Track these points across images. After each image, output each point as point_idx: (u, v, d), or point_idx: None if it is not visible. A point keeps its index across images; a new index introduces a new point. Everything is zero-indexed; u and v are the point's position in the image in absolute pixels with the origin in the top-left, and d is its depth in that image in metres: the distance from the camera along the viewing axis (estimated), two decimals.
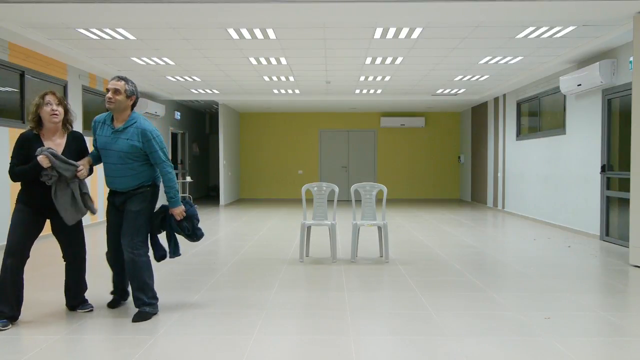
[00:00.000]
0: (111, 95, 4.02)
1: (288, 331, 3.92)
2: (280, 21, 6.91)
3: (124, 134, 4.06)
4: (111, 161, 4.09)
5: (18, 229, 3.96)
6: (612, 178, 8.15)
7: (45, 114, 3.94)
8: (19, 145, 3.98)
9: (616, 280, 5.66)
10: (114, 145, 4.06)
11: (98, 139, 4.13)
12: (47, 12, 6.30)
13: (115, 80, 4.09)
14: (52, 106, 3.94)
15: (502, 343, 3.64)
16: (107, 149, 4.08)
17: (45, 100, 3.94)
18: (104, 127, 4.12)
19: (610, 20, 6.80)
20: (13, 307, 3.95)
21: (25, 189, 4.04)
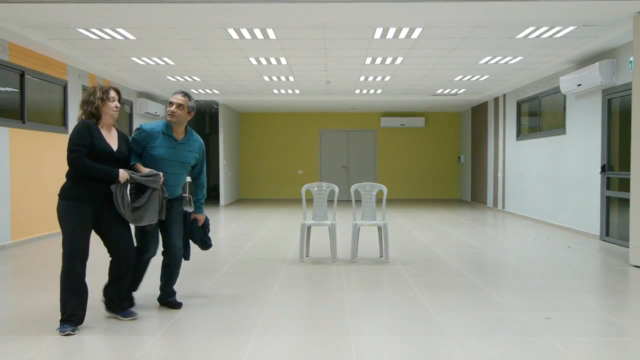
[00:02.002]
0: (175, 109, 4.21)
1: (288, 331, 3.92)
2: (280, 21, 6.91)
3: (186, 146, 4.33)
4: (171, 171, 4.25)
5: (80, 231, 3.80)
6: (612, 178, 8.14)
7: (109, 109, 3.92)
8: (84, 131, 3.81)
9: (616, 280, 5.66)
10: (177, 156, 4.27)
11: (157, 149, 4.19)
12: (47, 12, 6.28)
13: (180, 95, 4.28)
14: (115, 102, 3.96)
15: (502, 343, 3.64)
16: (167, 159, 4.23)
17: (110, 95, 3.93)
18: (164, 137, 4.22)
19: (610, 20, 6.79)
20: (83, 312, 3.90)
21: (79, 182, 3.82)
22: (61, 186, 3.87)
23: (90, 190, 3.82)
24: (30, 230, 8.06)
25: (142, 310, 4.38)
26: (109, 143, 3.92)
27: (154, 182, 4.04)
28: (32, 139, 8.12)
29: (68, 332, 3.74)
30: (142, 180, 4.00)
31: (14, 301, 4.79)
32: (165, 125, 4.25)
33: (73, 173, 3.84)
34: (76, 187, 3.82)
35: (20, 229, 7.81)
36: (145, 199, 4.02)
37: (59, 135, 8.89)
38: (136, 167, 4.14)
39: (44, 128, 8.47)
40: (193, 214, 4.60)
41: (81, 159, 3.77)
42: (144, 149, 4.20)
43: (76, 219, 3.78)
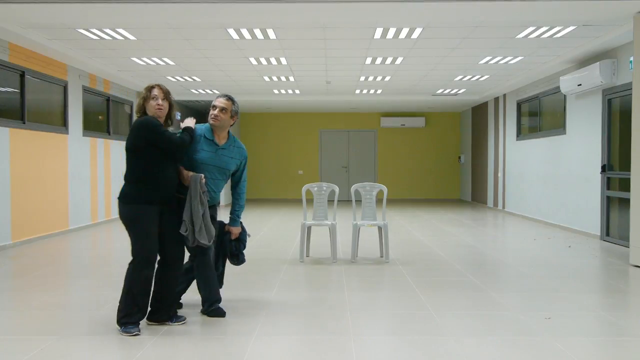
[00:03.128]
0: (218, 113, 4.12)
1: (288, 331, 3.92)
2: (280, 21, 6.89)
3: (228, 151, 4.21)
4: (211, 176, 4.14)
5: (150, 234, 3.74)
6: (613, 178, 8.12)
7: (151, 107, 3.82)
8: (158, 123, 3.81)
9: (616, 280, 5.65)
10: (218, 161, 4.16)
11: (198, 152, 4.10)
12: (47, 12, 6.27)
13: (223, 99, 4.18)
14: (157, 100, 3.83)
15: (502, 343, 3.63)
16: (208, 164, 4.12)
17: (151, 93, 3.83)
18: (205, 141, 4.13)
19: (610, 20, 6.77)
20: (144, 315, 3.86)
21: (142, 185, 3.75)
22: (122, 190, 3.80)
23: (154, 192, 3.77)
24: (31, 230, 8.04)
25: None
26: None
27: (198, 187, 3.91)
28: (33, 139, 8.11)
29: (135, 332, 3.72)
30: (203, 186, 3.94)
31: (14, 301, 4.78)
32: (208, 129, 4.17)
33: (134, 176, 3.77)
34: (140, 189, 3.75)
35: (21, 229, 7.79)
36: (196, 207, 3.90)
37: (59, 135, 8.89)
38: (179, 169, 4.02)
39: (44, 128, 8.45)
40: (227, 225, 4.37)
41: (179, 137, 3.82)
42: (185, 152, 4.09)
43: (145, 222, 3.73)
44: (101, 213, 10.40)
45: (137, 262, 3.74)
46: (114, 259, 6.97)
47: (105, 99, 10.74)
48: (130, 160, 3.82)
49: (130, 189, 3.78)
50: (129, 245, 3.83)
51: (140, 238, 3.73)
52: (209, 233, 3.95)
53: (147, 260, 3.76)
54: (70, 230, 9.15)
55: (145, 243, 3.73)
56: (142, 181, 3.75)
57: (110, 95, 10.84)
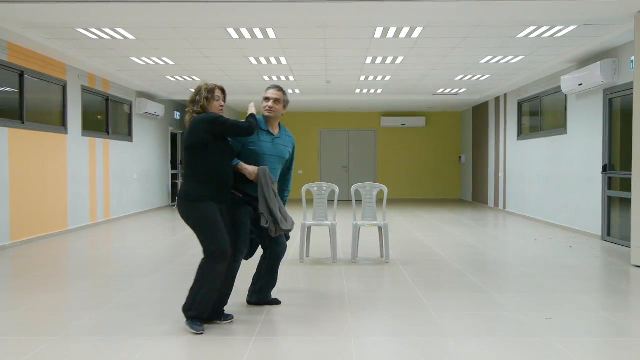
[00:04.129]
0: (272, 104, 4.27)
1: (288, 332, 3.91)
2: (280, 21, 6.87)
3: (281, 140, 4.34)
4: (272, 166, 4.21)
5: (222, 230, 3.78)
6: (614, 178, 8.10)
7: (214, 108, 3.92)
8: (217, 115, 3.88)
9: (617, 280, 5.64)
10: (275, 150, 4.26)
11: (258, 144, 4.18)
12: (47, 12, 6.26)
13: (276, 90, 4.33)
14: (220, 102, 3.96)
15: (503, 344, 3.63)
16: (267, 154, 4.21)
17: (215, 94, 3.92)
18: (262, 133, 4.22)
19: (611, 20, 6.75)
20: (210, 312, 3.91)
21: (204, 182, 3.79)
22: (183, 189, 3.85)
23: (215, 190, 3.82)
24: (30, 230, 8.02)
25: (138, 311, 4.37)
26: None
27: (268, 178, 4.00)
28: (32, 139, 8.08)
29: (200, 331, 3.76)
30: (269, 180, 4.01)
31: (14, 302, 4.76)
32: (261, 121, 4.27)
33: (196, 174, 3.81)
34: (203, 187, 3.79)
35: (20, 229, 7.77)
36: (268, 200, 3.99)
37: (58, 135, 8.87)
38: (240, 166, 4.05)
39: (44, 128, 8.43)
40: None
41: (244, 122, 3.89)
42: (242, 145, 4.17)
43: (213, 219, 3.76)
44: (100, 213, 10.38)
45: (210, 259, 3.78)
46: (113, 259, 6.96)
47: (104, 98, 10.72)
48: (190, 159, 3.85)
49: (191, 186, 3.82)
50: (128, 246, 3.83)
51: (210, 234, 3.77)
52: (289, 218, 4.08)
53: (223, 255, 3.78)
54: (69, 231, 9.13)
55: (216, 238, 3.76)
56: (203, 179, 3.80)
57: (109, 95, 10.82)
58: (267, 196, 3.97)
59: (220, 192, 3.85)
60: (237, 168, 4.03)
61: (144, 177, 12.69)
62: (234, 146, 4.10)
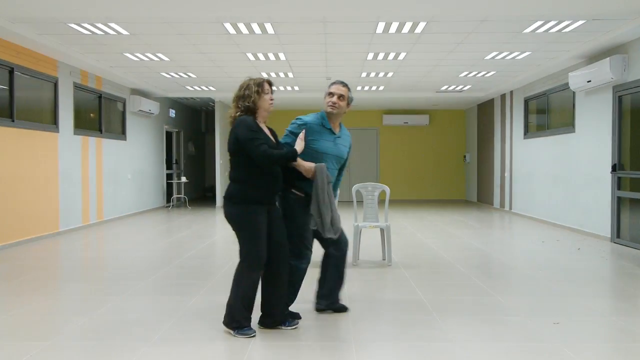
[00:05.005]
0: (336, 100, 4.12)
1: (287, 337, 3.85)
2: (278, 15, 6.83)
3: (341, 139, 4.24)
4: (330, 166, 4.12)
5: (261, 237, 3.72)
6: (623, 178, 8.01)
7: (265, 102, 3.82)
8: (255, 128, 3.73)
9: (627, 283, 5.58)
10: (335, 150, 4.16)
11: (319, 142, 4.06)
12: (37, 5, 6.25)
13: (340, 86, 4.17)
14: (270, 94, 3.87)
15: (509, 349, 3.59)
16: (327, 153, 4.10)
17: (264, 88, 3.83)
18: (323, 130, 4.11)
19: (620, 14, 6.70)
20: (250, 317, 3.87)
21: (251, 185, 3.73)
22: (229, 191, 3.80)
23: (263, 193, 3.76)
24: (20, 232, 7.91)
25: (131, 315, 4.28)
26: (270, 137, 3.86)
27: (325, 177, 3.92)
28: (22, 138, 7.97)
29: (253, 334, 3.74)
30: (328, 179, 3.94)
31: (3, 306, 4.67)
32: (323, 118, 4.15)
33: (242, 176, 3.75)
34: (249, 190, 3.74)
35: (9, 231, 7.66)
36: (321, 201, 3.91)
37: (49, 134, 8.76)
38: (297, 163, 3.93)
39: (34, 127, 8.33)
40: None
41: (268, 150, 3.67)
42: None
43: (255, 223, 3.72)
44: (93, 214, 10.25)
45: (247, 264, 3.74)
46: (106, 262, 6.92)
47: (97, 96, 10.62)
48: (234, 159, 3.81)
49: (236, 189, 3.77)
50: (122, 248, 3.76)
51: (250, 240, 3.73)
52: (336, 225, 3.97)
53: (257, 263, 3.74)
54: (60, 232, 9.06)
55: (254, 245, 3.72)
56: (248, 181, 3.74)
57: (102, 92, 10.72)
58: (320, 196, 3.89)
59: (266, 194, 3.79)
60: (295, 164, 3.94)
61: (138, 177, 12.58)
62: (292, 143, 4.02)
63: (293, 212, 3.99)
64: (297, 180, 3.96)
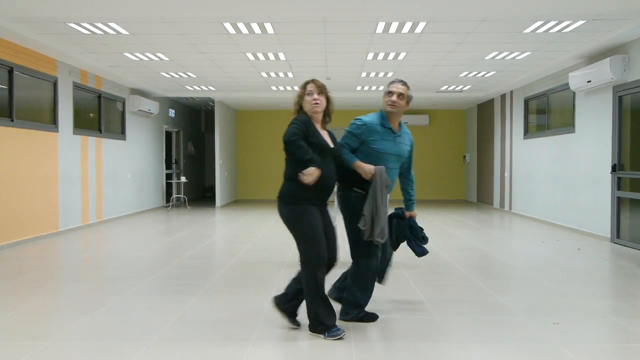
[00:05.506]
0: (396, 99, 4.07)
1: (287, 337, 3.83)
2: (278, 15, 6.80)
3: (402, 138, 4.18)
4: (391, 166, 4.08)
5: (318, 234, 3.68)
6: (623, 178, 7.98)
7: (307, 103, 3.79)
8: (303, 122, 3.72)
9: (627, 284, 5.55)
10: (395, 149, 4.10)
11: (379, 142, 4.03)
12: (37, 5, 6.21)
13: (400, 84, 4.12)
14: (313, 95, 3.79)
15: (508, 349, 3.57)
16: (388, 153, 4.06)
17: (306, 90, 3.80)
18: (384, 130, 4.07)
19: (620, 14, 6.67)
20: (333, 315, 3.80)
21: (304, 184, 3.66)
22: (282, 190, 3.77)
23: (314, 192, 3.70)
24: (19, 232, 7.87)
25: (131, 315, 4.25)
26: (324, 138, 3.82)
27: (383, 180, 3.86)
28: (21, 137, 7.93)
29: (343, 334, 3.70)
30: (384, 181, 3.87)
31: (3, 306, 4.64)
32: (383, 117, 4.10)
33: (294, 174, 3.68)
34: (299, 188, 3.68)
35: (9, 231, 7.62)
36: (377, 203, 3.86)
37: (49, 134, 8.72)
38: (357, 164, 3.92)
39: (33, 126, 8.29)
40: (407, 211, 4.36)
41: (296, 139, 3.59)
42: (361, 143, 4.02)
43: (313, 223, 3.68)
44: (92, 214, 10.22)
45: (311, 264, 3.66)
46: (105, 262, 6.89)
47: (96, 95, 10.57)
48: (287, 158, 3.79)
49: (289, 188, 3.74)
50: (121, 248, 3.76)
51: (306, 239, 3.68)
52: (383, 231, 3.87)
53: (318, 261, 3.66)
54: (60, 232, 9.02)
55: (312, 244, 3.66)
56: (299, 180, 3.66)
57: (101, 92, 10.67)
58: (376, 199, 3.83)
59: (318, 193, 3.74)
60: (354, 166, 3.92)
61: (138, 177, 12.53)
62: (351, 143, 4.02)
63: (356, 210, 3.93)
64: (359, 182, 3.93)
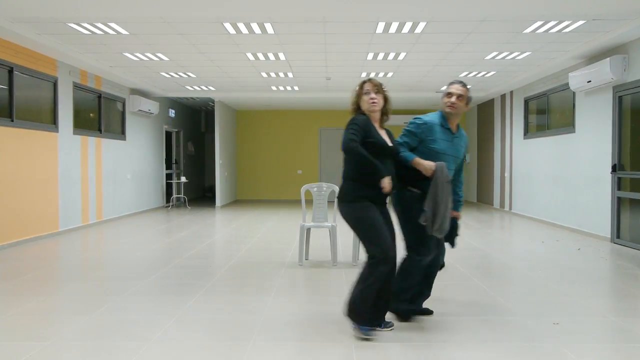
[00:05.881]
0: (455, 100, 4.08)
1: (287, 337, 3.83)
2: (278, 15, 6.78)
3: (459, 139, 4.20)
4: (448, 166, 4.07)
5: (382, 232, 3.69)
6: (624, 178, 7.97)
7: (364, 103, 3.81)
8: (361, 125, 3.73)
9: (627, 284, 5.54)
10: (453, 150, 4.12)
11: (438, 142, 4.05)
12: (37, 5, 6.19)
13: (460, 86, 4.14)
14: (370, 94, 3.80)
15: (508, 349, 3.56)
16: (446, 154, 4.07)
17: (363, 89, 3.81)
18: (443, 130, 4.09)
19: (620, 14, 6.65)
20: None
21: (364, 183, 3.72)
22: (343, 189, 3.80)
23: (375, 191, 3.72)
24: (19, 232, 7.86)
25: (131, 315, 4.24)
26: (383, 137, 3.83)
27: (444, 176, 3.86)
28: (21, 138, 7.92)
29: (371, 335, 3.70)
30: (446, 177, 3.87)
31: (3, 306, 4.63)
32: (442, 117, 4.11)
33: (355, 174, 3.74)
34: (361, 188, 3.73)
35: (9, 231, 7.61)
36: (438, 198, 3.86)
37: (49, 134, 8.71)
38: (416, 161, 3.94)
39: (33, 126, 8.27)
40: (453, 211, 4.30)
41: (357, 143, 3.65)
42: (420, 142, 4.03)
43: (376, 220, 3.69)
44: (92, 214, 10.21)
45: (376, 262, 3.66)
46: (105, 262, 6.87)
47: (96, 95, 10.56)
48: (346, 158, 3.81)
49: (348, 187, 3.77)
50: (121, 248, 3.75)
51: (371, 236, 3.69)
52: (443, 226, 3.88)
53: (385, 257, 3.65)
54: (60, 232, 9.00)
55: (377, 240, 3.66)
56: (360, 179, 3.73)
57: (101, 92, 10.66)
58: (438, 194, 3.83)
59: (378, 193, 3.73)
60: (413, 163, 3.94)
61: (138, 177, 12.52)
62: (410, 141, 4.04)
63: (411, 208, 3.96)
64: (416, 180, 3.94)
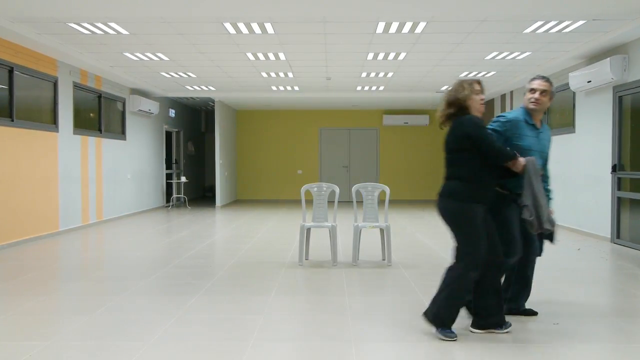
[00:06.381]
0: (539, 96, 4.07)
1: (287, 337, 3.85)
2: (278, 15, 6.78)
3: (544, 134, 4.18)
4: None
5: (482, 236, 3.69)
6: (624, 178, 7.97)
7: (476, 103, 3.82)
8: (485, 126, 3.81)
9: (627, 284, 5.54)
10: (539, 146, 4.10)
11: (524, 138, 4.03)
12: (37, 5, 6.18)
13: (543, 81, 4.12)
14: (481, 95, 3.85)
15: (508, 349, 3.55)
16: (532, 150, 4.04)
17: (475, 88, 3.83)
18: (527, 126, 4.07)
19: (621, 14, 6.66)
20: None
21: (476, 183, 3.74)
22: (450, 187, 3.82)
23: (486, 192, 3.77)
24: (19, 232, 7.85)
25: (131, 315, 4.24)
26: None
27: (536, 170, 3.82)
28: (21, 137, 7.92)
29: (455, 338, 3.69)
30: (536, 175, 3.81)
31: (3, 306, 4.63)
32: (526, 113, 4.10)
33: (468, 173, 3.74)
34: (474, 188, 3.73)
35: (9, 231, 7.60)
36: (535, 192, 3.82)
37: (49, 134, 8.70)
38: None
39: (34, 126, 8.27)
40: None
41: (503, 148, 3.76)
42: (505, 140, 4.00)
43: (477, 223, 3.69)
44: (92, 214, 10.21)
45: (466, 264, 3.67)
46: (105, 262, 6.87)
47: (96, 95, 10.55)
48: (459, 157, 3.82)
49: (460, 186, 3.77)
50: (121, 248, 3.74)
51: (472, 238, 3.69)
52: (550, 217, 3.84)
53: (476, 263, 3.67)
54: (60, 232, 9.00)
55: (475, 245, 3.68)
56: (475, 179, 3.74)
57: (102, 92, 10.65)
58: (534, 187, 3.78)
59: (487, 194, 3.77)
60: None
61: (138, 177, 12.51)
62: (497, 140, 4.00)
63: (498, 208, 3.94)
64: (503, 177, 3.90)
